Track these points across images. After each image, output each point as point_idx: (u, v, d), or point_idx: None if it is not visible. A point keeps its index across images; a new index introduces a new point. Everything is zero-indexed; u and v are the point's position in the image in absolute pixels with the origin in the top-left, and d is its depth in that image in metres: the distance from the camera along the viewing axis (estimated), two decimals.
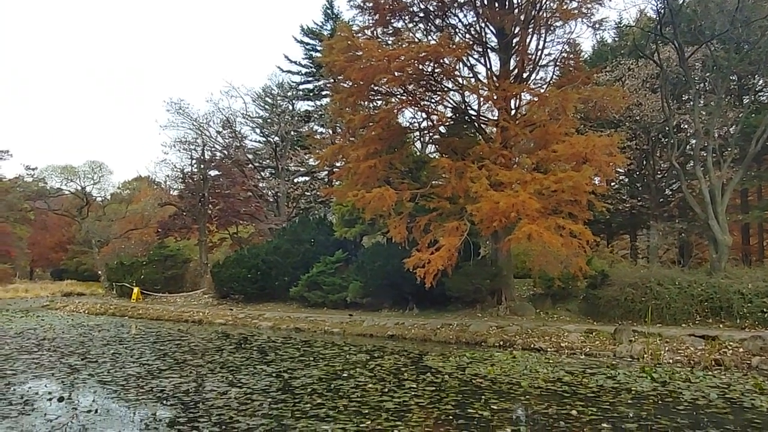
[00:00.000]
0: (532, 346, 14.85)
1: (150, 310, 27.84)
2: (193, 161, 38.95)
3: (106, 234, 54.73)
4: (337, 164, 27.17)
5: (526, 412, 8.59)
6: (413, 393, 9.49)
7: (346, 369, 11.97)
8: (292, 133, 38.92)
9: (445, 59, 18.28)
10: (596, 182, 17.61)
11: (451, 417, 7.99)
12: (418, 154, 24.17)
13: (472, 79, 19.78)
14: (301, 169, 41.23)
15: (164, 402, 9.21)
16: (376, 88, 19.56)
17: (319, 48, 40.28)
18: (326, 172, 40.27)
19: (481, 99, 19.47)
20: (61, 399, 9.38)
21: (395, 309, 21.57)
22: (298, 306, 25.13)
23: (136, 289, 32.94)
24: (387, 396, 9.24)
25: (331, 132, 39.00)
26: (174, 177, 41.49)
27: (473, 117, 20.14)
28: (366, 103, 20.80)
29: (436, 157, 21.80)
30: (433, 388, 9.88)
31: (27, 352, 14.87)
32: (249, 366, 12.46)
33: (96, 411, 8.57)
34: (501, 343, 15.52)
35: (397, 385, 10.20)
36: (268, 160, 42.09)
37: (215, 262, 31.99)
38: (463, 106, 20.03)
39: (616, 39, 32.12)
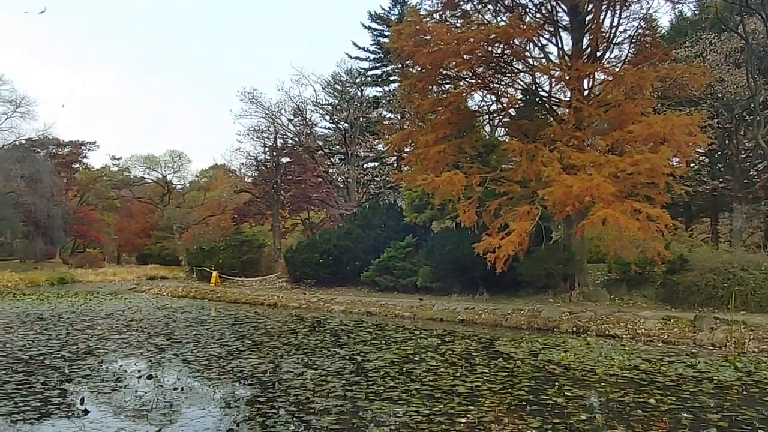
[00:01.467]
0: (606, 332, 14.54)
1: (228, 294, 28.95)
2: (266, 149, 40.05)
3: (185, 220, 57.16)
4: (406, 149, 27.30)
5: (601, 399, 8.47)
6: (485, 378, 9.53)
7: (418, 353, 12.12)
8: (361, 119, 39.26)
9: (516, 40, 17.95)
10: (675, 164, 16.88)
11: (524, 403, 7.99)
12: (487, 137, 23.94)
13: (543, 60, 19.34)
14: (371, 155, 41.60)
15: (243, 381, 9.64)
16: (444, 72, 19.47)
17: (387, 33, 40.25)
18: (395, 158, 40.44)
19: (553, 80, 19.02)
20: (150, 377, 9.94)
21: (465, 293, 21.54)
22: (369, 290, 25.50)
23: (214, 273, 34.31)
24: (459, 380, 9.32)
25: (399, 117, 39.10)
26: (248, 164, 42.84)
27: (544, 98, 19.71)
28: (435, 87, 20.75)
29: (506, 140, 21.52)
30: (505, 374, 9.88)
31: (117, 333, 15.83)
32: (323, 348, 12.82)
33: (181, 389, 9.05)
34: (574, 329, 15.26)
35: (469, 369, 10.26)
36: (337, 147, 42.67)
37: (288, 247, 32.86)
38: (534, 88, 19.63)
39: (697, 12, 30.43)
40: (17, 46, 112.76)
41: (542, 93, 19.69)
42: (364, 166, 41.37)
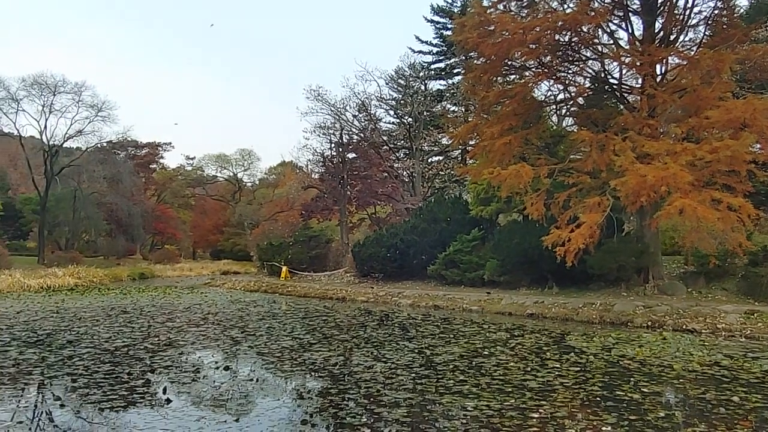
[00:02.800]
0: (684, 327, 13.98)
1: (298, 288, 29.59)
2: (332, 145, 40.56)
3: (256, 217, 58.80)
4: (471, 142, 27.06)
5: (680, 396, 8.18)
6: (557, 373, 9.38)
7: (487, 347, 12.04)
8: (425, 113, 39.17)
9: (584, 27, 17.51)
10: (757, 150, 15.98)
11: (598, 398, 7.82)
12: (554, 128, 23.42)
13: (613, 46, 18.77)
14: (435, 149, 41.47)
15: (315, 374, 9.86)
16: (510, 62, 19.20)
17: (450, 26, 40.01)
18: (460, 151, 40.18)
19: (623, 66, 18.44)
20: (227, 368, 10.30)
21: (534, 287, 21.20)
22: (436, 284, 25.48)
23: (284, 268, 35.14)
24: (530, 375, 9.21)
25: (464, 110, 38.77)
26: (315, 161, 43.55)
27: (614, 86, 19.11)
28: (500, 78, 20.48)
29: (575, 130, 20.99)
30: (578, 369, 9.69)
31: (195, 325, 16.48)
32: (392, 342, 12.93)
33: (255, 380, 9.36)
34: (649, 323, 14.76)
35: (540, 364, 10.12)
36: (402, 141, 42.76)
37: (356, 241, 33.25)
38: (603, 75, 19.06)
39: None
40: (97, 53, 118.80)
41: (612, 80, 19.10)
42: (429, 160, 41.29)
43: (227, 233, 65.09)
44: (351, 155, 40.77)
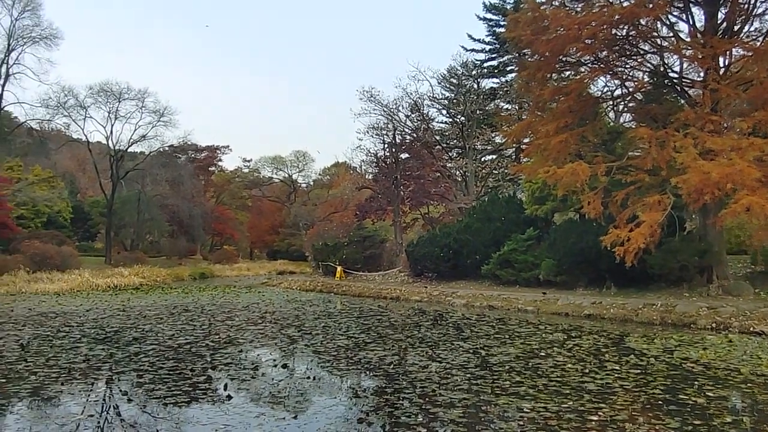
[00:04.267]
0: (751, 329, 13.41)
1: (352, 287, 29.87)
2: (385, 145, 40.75)
3: (311, 217, 59.64)
4: (526, 140, 26.71)
5: (747, 401, 7.88)
6: (616, 375, 9.17)
7: (543, 348, 11.89)
8: (478, 111, 38.86)
9: (642, 20, 17.04)
10: None
11: (660, 402, 7.61)
12: (611, 124, 22.85)
13: (673, 39, 18.16)
14: (488, 148, 41.10)
15: (370, 372, 9.95)
16: (565, 59, 18.87)
17: (502, 23, 39.54)
18: (514, 150, 39.68)
19: (684, 59, 17.85)
20: (284, 366, 10.53)
21: (591, 287, 20.76)
22: (490, 284, 25.27)
23: (339, 268, 35.53)
24: (588, 377, 9.05)
25: (517, 108, 38.30)
26: (368, 162, 43.84)
27: (674, 80, 18.50)
28: (554, 75, 20.15)
29: (633, 126, 20.42)
30: (638, 371, 9.45)
31: (253, 324, 16.88)
32: (446, 342, 12.92)
33: (312, 378, 9.53)
34: (713, 325, 14.22)
35: (598, 366, 9.92)
36: (455, 141, 42.55)
37: (409, 241, 33.33)
38: (663, 69, 18.49)
39: None
40: (158, 61, 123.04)
41: (672, 74, 18.51)
42: (482, 159, 40.94)
43: (283, 234, 66.23)
44: (404, 155, 40.86)
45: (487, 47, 43.55)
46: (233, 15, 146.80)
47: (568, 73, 20.17)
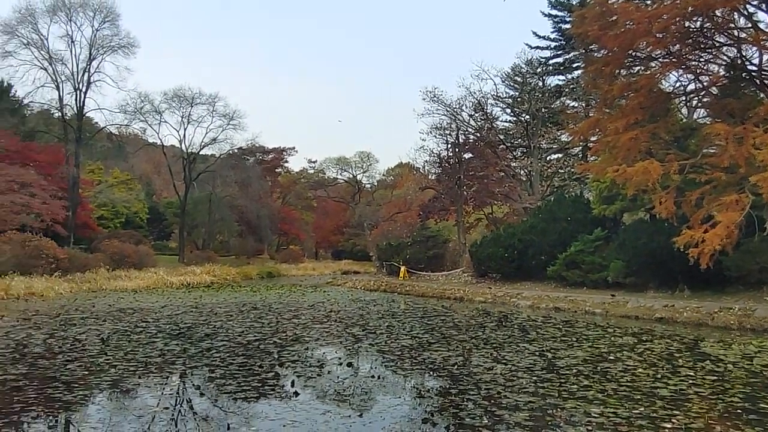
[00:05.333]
0: None
1: (416, 287, 29.94)
2: (449, 145, 40.63)
3: (375, 217, 60.12)
4: (593, 138, 26.00)
5: None
6: (690, 381, 8.84)
7: (612, 351, 11.58)
8: (543, 109, 38.14)
9: (717, 11, 16.31)
10: None
11: (738, 410, 7.29)
12: (684, 121, 21.96)
13: (752, 30, 17.26)
14: (554, 146, 40.29)
15: (435, 373, 9.96)
16: (634, 53, 18.30)
17: (568, 19, 38.63)
18: (580, 148, 38.70)
19: (764, 51, 16.90)
20: (349, 365, 10.66)
21: (662, 290, 20.05)
22: (556, 285, 24.81)
23: (402, 268, 35.68)
24: (660, 382, 8.75)
25: (584, 105, 37.33)
26: (432, 162, 43.79)
27: (753, 73, 17.61)
28: (623, 71, 19.55)
29: (708, 122, 19.54)
30: (714, 378, 9.07)
31: (319, 322, 17.21)
32: (512, 343, 12.78)
33: (377, 377, 9.62)
34: None
35: (671, 371, 9.58)
36: (519, 140, 41.94)
37: (473, 242, 33.11)
38: (740, 62, 17.64)
39: None
40: (227, 65, 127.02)
41: (751, 67, 17.61)
42: (548, 158, 40.15)
43: (347, 234, 67.01)
44: (467, 155, 40.59)
45: (553, 44, 42.63)
46: (296, 19, 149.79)
47: (637, 68, 19.53)
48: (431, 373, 10.00)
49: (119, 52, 44.54)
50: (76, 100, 43.72)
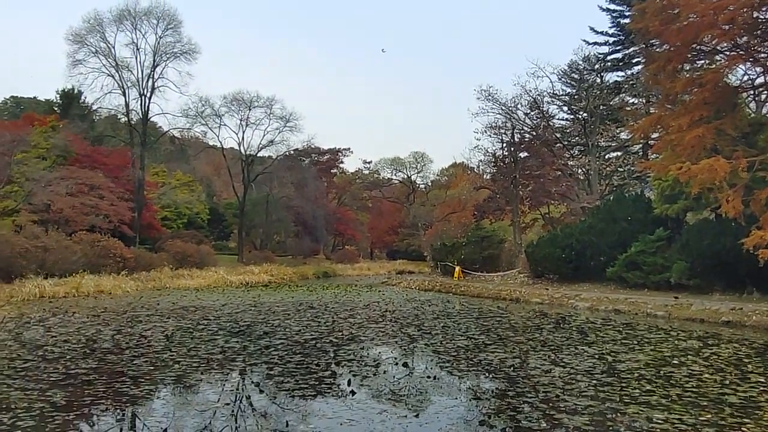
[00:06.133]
0: None
1: (470, 288, 29.74)
2: (504, 145, 40.18)
3: (429, 217, 60.08)
4: (654, 136, 25.25)
5: None
6: (761, 388, 8.48)
7: (676, 356, 11.23)
8: (602, 107, 37.21)
9: None
10: None
11: None
12: (753, 116, 21.02)
13: None
14: (613, 144, 39.23)
15: (491, 375, 9.88)
16: (698, 47, 17.65)
17: (627, 13, 37.59)
18: (641, 146, 37.57)
19: None
20: (405, 365, 10.71)
21: (728, 292, 19.30)
22: (616, 287, 24.22)
23: (457, 268, 35.49)
24: (728, 389, 8.43)
25: (644, 102, 36.20)
26: (486, 161, 43.38)
27: None
28: (686, 65, 18.89)
29: None
30: None
31: (374, 322, 17.34)
32: (570, 346, 12.55)
33: (433, 377, 9.62)
34: None
35: (740, 377, 9.21)
36: (576, 138, 41.04)
37: (529, 242, 32.64)
38: None
39: None
40: (283, 68, 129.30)
41: None
42: (606, 156, 39.11)
43: (402, 234, 67.18)
44: (523, 154, 40.05)
45: (611, 39, 41.49)
46: (351, 20, 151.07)
47: (701, 62, 18.83)
48: (487, 374, 9.94)
49: (181, 58, 46.09)
50: (141, 105, 45.56)
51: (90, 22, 43.28)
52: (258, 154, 56.26)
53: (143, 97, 45.34)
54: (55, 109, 50.95)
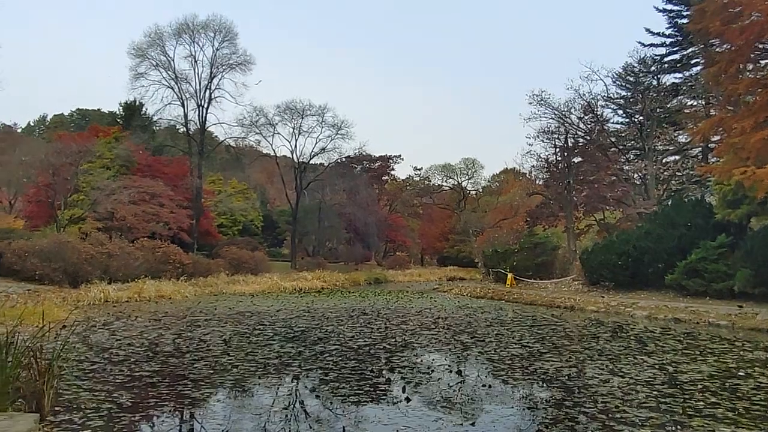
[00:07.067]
0: None
1: (524, 295, 29.35)
2: (557, 150, 39.58)
3: (480, 224, 59.69)
4: (715, 138, 24.47)
5: None
6: None
7: (742, 367, 10.83)
8: (659, 110, 36.24)
9: None
10: None
11: None
12: None
13: None
14: (671, 148, 38.13)
15: (547, 384, 9.74)
16: (762, 46, 17.04)
17: (685, 13, 36.55)
18: (700, 149, 36.39)
19: None
20: (459, 372, 10.67)
21: None
22: (675, 294, 23.51)
23: (509, 275, 35.08)
24: None
25: (704, 104, 35.09)
26: (539, 167, 42.80)
27: None
28: (750, 66, 18.26)
29: None
30: None
31: (427, 329, 17.35)
32: (628, 355, 12.26)
33: (488, 386, 9.56)
34: None
35: None
36: (632, 142, 40.11)
37: (584, 248, 32.00)
38: None
39: None
40: (334, 76, 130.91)
41: None
42: (664, 160, 38.04)
43: (452, 240, 66.86)
44: (577, 159, 39.33)
45: (668, 40, 40.41)
46: (401, 29, 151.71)
47: (765, 62, 18.17)
48: (543, 383, 9.80)
49: (237, 69, 47.39)
50: (198, 115, 47.04)
51: (151, 36, 45.07)
52: (310, 162, 57.19)
53: (201, 108, 46.82)
54: (118, 120, 53.18)
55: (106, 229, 33.68)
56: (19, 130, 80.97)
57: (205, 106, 46.86)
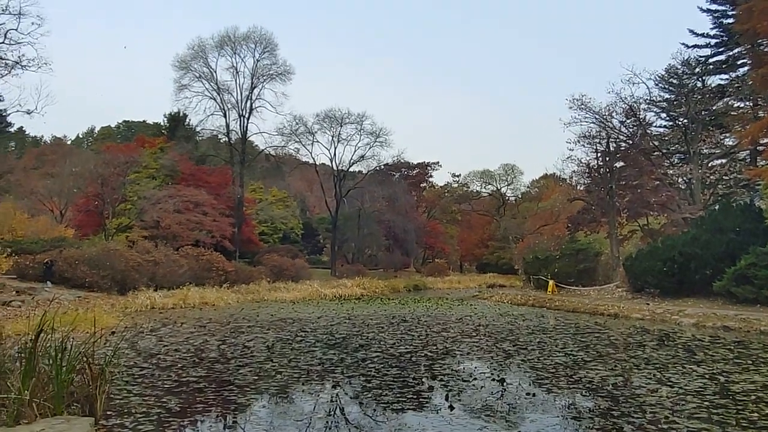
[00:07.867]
0: None
1: (566, 302, 28.94)
2: (598, 154, 38.93)
3: (520, 230, 59.19)
4: (764, 141, 23.77)
5: None
6: None
7: None
8: (704, 112, 35.31)
9: None
10: None
11: None
12: None
13: None
14: (717, 151, 37.11)
15: (593, 393, 9.58)
16: None
17: (731, 13, 35.60)
18: (748, 152, 35.31)
19: None
20: (502, 381, 10.58)
21: None
22: (724, 302, 22.85)
23: (551, 282, 34.64)
24: None
25: (752, 105, 34.05)
26: (580, 172, 42.10)
27: None
28: None
29: None
30: None
31: (468, 336, 17.26)
32: (676, 364, 11.98)
33: (532, 395, 9.44)
34: None
35: None
36: (676, 145, 39.19)
37: (627, 255, 31.39)
38: None
39: None
40: (373, 84, 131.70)
41: None
42: (710, 164, 37.02)
43: (492, 247, 66.42)
44: (619, 164, 38.60)
45: (713, 41, 39.40)
46: (440, 36, 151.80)
47: None
48: (588, 392, 9.65)
49: (277, 79, 48.31)
50: (240, 125, 48.09)
51: (194, 48, 46.34)
52: (349, 170, 57.68)
53: (242, 118, 47.84)
54: (163, 131, 54.70)
55: (152, 237, 34.60)
56: (69, 142, 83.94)
57: (246, 116, 47.86)
